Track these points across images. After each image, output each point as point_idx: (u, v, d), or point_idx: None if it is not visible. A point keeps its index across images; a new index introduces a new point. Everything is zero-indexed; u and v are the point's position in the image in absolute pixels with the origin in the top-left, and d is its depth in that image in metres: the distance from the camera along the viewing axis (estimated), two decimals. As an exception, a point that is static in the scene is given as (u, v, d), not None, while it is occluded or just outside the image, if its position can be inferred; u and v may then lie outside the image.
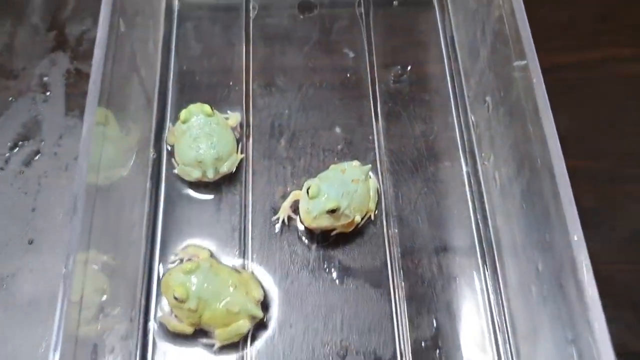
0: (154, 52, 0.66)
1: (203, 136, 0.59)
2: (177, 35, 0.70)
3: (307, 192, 0.56)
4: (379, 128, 0.65)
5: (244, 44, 0.70)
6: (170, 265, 0.57)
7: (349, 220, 0.57)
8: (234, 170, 0.61)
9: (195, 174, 0.59)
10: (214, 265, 0.55)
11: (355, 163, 0.61)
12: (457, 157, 0.64)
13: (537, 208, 0.49)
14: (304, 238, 0.59)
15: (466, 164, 0.64)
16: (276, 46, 0.70)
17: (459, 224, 0.61)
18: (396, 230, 0.60)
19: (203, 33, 0.71)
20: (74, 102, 0.66)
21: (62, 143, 0.64)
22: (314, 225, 0.56)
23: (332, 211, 0.55)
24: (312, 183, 0.57)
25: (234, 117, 0.64)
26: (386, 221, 0.60)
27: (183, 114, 0.60)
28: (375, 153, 0.64)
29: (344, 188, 0.56)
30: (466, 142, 0.65)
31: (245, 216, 0.60)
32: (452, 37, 0.71)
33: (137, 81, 0.60)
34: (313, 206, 0.55)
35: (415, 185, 0.62)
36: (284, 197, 0.61)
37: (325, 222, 0.56)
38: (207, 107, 0.60)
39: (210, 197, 0.61)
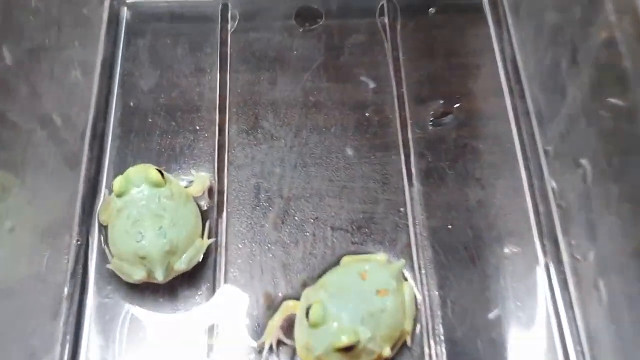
0: (83, 86, 0.49)
1: (148, 217, 0.42)
2: (123, 57, 0.55)
3: (307, 315, 0.37)
4: (413, 194, 0.49)
5: (218, 70, 0.55)
6: None
7: (374, 357, 0.38)
8: (200, 260, 0.45)
9: (137, 274, 0.42)
10: None
11: (382, 256, 0.44)
12: (529, 241, 0.46)
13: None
14: (302, 376, 0.41)
15: (544, 253, 0.46)
16: (264, 72, 0.55)
17: (539, 351, 0.42)
18: (444, 362, 0.42)
19: (161, 54, 0.55)
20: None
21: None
22: (317, 367, 0.37)
23: (348, 348, 0.36)
24: (315, 297, 0.39)
25: (200, 181, 0.48)
26: (429, 347, 0.42)
27: (117, 183, 0.43)
28: (408, 234, 0.47)
29: (365, 307, 0.38)
30: (543, 219, 0.47)
31: (212, 338, 0.43)
32: (514, 61, 0.54)
33: (46, 133, 0.42)
34: (316, 340, 0.37)
35: (472, 286, 0.45)
36: (272, 307, 0.44)
37: (335, 364, 0.37)
38: (153, 172, 0.43)
39: (160, 308, 0.44)
